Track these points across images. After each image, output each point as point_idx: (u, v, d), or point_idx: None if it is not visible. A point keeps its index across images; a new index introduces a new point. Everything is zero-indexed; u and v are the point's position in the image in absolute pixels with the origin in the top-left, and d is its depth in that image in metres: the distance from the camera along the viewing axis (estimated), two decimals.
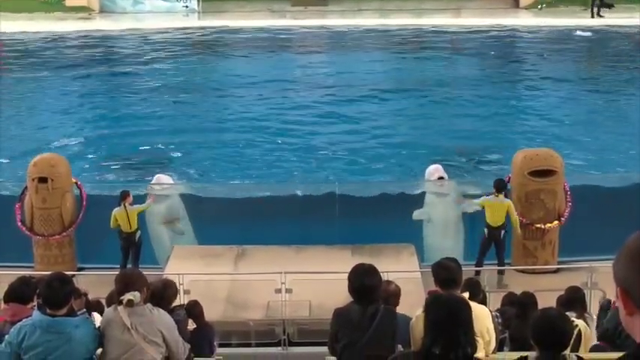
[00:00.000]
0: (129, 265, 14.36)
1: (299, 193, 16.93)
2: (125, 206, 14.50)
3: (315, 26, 33.37)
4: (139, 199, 15.21)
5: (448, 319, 4.92)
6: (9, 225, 14.96)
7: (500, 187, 14.48)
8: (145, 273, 7.07)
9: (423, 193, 16.64)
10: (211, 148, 21.49)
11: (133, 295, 6.48)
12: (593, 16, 33.10)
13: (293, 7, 36.10)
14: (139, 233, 14.65)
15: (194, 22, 35.05)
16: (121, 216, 14.53)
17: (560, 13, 33.34)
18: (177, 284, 10.33)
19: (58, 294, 6.35)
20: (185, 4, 36.27)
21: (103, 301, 9.54)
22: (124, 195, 14.61)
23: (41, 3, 35.70)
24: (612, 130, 22.24)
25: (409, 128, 22.62)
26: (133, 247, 14.66)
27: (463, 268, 7.24)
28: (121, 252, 14.72)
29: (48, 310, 6.37)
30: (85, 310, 8.58)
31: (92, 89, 27.01)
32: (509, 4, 36.25)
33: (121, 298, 6.52)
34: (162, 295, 8.14)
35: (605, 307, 10.02)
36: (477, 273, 13.62)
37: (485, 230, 14.42)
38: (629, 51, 29.96)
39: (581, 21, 32.89)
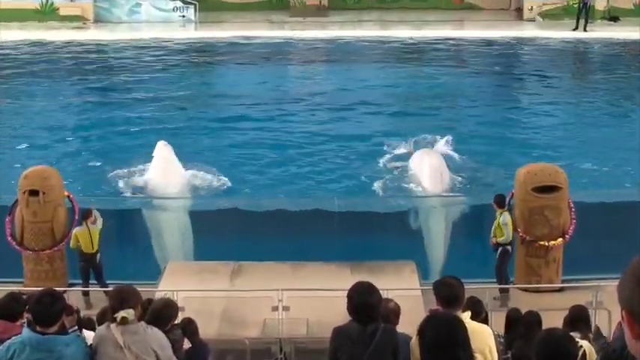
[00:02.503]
0: (93, 286, 14.02)
1: (297, 208, 16.72)
2: (87, 225, 14.14)
3: (314, 37, 33.26)
4: (135, 212, 14.98)
5: (446, 339, 4.90)
6: None
7: (502, 202, 14.33)
8: (138, 289, 6.87)
9: (424, 209, 16.52)
10: (207, 161, 21.20)
11: (127, 313, 6.31)
12: (576, 28, 32.91)
13: (291, 18, 35.98)
14: (99, 255, 14.20)
15: (191, 32, 34.93)
16: (82, 235, 14.13)
17: (563, 26, 33.29)
18: None
19: (48, 311, 6.17)
20: (182, 14, 36.13)
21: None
22: (86, 214, 14.24)
23: (35, 12, 35.56)
24: (618, 145, 22.05)
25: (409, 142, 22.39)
26: (94, 269, 14.25)
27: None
28: (80, 274, 14.31)
29: (38, 328, 6.16)
30: (76, 327, 8.45)
31: (86, 100, 26.83)
32: (512, 15, 36.31)
33: (115, 315, 6.34)
34: (158, 314, 7.99)
35: (598, 336, 9.78)
36: (506, 291, 13.79)
37: (509, 247, 14.22)
38: (633, 64, 29.88)
39: (583, 33, 32.84)
